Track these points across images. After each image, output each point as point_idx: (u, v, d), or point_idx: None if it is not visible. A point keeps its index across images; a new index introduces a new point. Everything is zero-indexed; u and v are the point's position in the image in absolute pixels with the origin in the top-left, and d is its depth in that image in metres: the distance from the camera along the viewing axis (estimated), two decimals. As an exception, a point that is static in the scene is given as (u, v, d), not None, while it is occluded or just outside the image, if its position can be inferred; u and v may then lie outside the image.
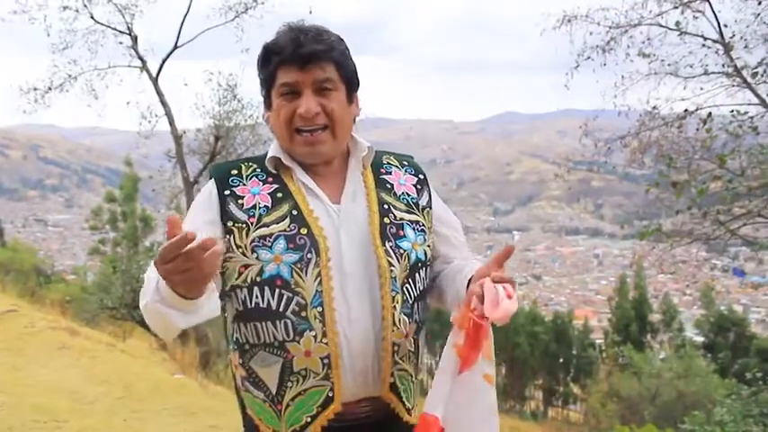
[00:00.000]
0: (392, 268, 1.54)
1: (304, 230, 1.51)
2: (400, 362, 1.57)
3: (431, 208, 1.70)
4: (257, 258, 1.49)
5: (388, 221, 1.59)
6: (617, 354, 26.44)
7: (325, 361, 1.49)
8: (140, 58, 13.40)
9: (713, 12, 8.18)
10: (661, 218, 8.73)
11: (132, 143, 14.12)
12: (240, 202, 1.53)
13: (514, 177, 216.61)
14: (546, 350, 37.09)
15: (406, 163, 1.75)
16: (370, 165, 1.67)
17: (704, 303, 35.09)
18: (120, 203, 16.71)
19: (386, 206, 1.61)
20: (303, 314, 1.48)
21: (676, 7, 8.41)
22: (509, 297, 1.35)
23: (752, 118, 7.68)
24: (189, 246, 1.15)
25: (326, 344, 1.48)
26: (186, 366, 8.43)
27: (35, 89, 13.17)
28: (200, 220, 1.53)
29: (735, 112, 7.75)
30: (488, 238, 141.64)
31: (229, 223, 1.52)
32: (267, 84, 1.58)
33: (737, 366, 22.74)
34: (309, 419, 1.51)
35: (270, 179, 1.58)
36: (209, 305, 1.36)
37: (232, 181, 1.57)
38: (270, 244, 1.49)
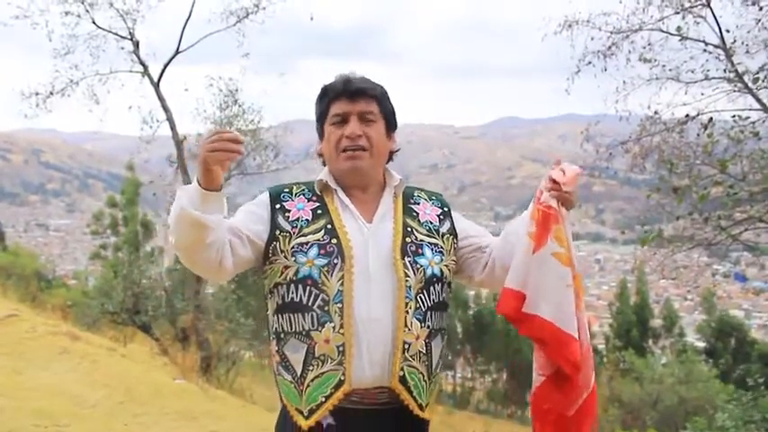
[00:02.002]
0: (407, 279, 1.83)
1: (334, 241, 1.83)
2: (410, 359, 1.82)
3: (452, 235, 2.00)
4: (295, 261, 1.82)
5: (410, 241, 1.89)
6: (618, 359, 26.36)
7: (340, 348, 1.77)
8: (142, 63, 13.42)
9: (714, 17, 8.19)
10: (662, 223, 8.71)
11: (134, 148, 14.15)
12: (287, 214, 1.88)
13: (516, 182, 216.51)
14: (547, 355, 37.03)
15: (434, 198, 2.08)
16: (402, 195, 2.00)
17: (705, 308, 35.04)
18: (121, 208, 16.76)
19: (409, 228, 1.92)
20: (326, 308, 1.78)
21: (678, 12, 8.41)
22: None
23: (753, 123, 7.69)
24: (230, 135, 1.69)
25: (342, 334, 1.77)
26: (187, 371, 8.43)
27: (37, 94, 13.18)
28: (251, 218, 1.90)
29: (736, 118, 7.75)
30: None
31: (276, 231, 1.86)
32: (322, 117, 1.97)
33: (739, 372, 22.71)
34: (323, 399, 1.79)
35: (314, 198, 1.93)
36: (220, 205, 1.77)
37: (283, 197, 1.93)
38: (306, 250, 1.83)
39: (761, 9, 7.92)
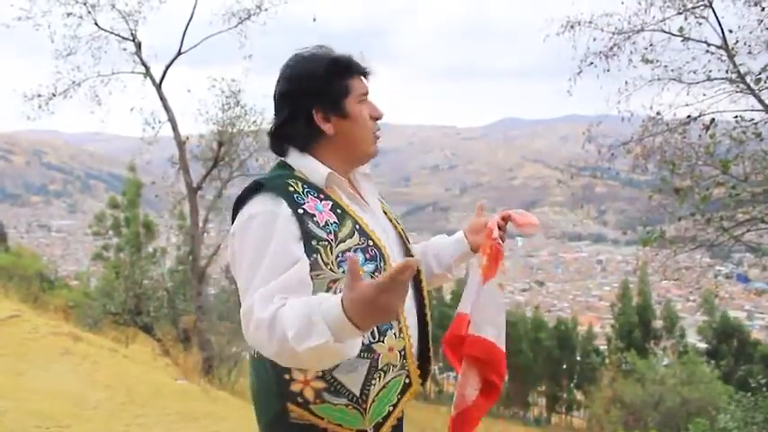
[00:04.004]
0: (422, 266, 1.88)
1: (371, 242, 1.69)
2: (430, 341, 1.86)
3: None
4: (343, 272, 1.57)
5: (401, 230, 1.88)
6: (620, 360, 26.36)
7: (402, 353, 1.70)
8: (144, 65, 13.43)
9: (717, 18, 8.17)
10: (664, 224, 8.68)
11: (135, 149, 14.14)
12: (315, 219, 1.62)
13: (517, 183, 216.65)
14: (549, 356, 37.03)
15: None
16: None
17: (706, 310, 35.02)
18: (122, 209, 16.73)
19: (392, 218, 1.90)
20: None
21: (680, 13, 8.40)
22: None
23: (755, 124, 7.67)
24: (408, 273, 1.26)
25: (402, 338, 1.71)
26: (188, 372, 8.44)
27: (39, 95, 13.18)
28: (291, 243, 1.58)
29: (738, 118, 7.74)
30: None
31: (313, 242, 1.59)
32: (342, 94, 1.72)
33: (741, 373, 22.70)
34: (392, 408, 1.72)
35: (321, 196, 1.69)
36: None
37: (297, 198, 1.64)
38: None
39: (763, 9, 7.91)
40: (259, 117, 13.21)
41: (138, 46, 13.38)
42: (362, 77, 1.76)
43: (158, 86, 13.36)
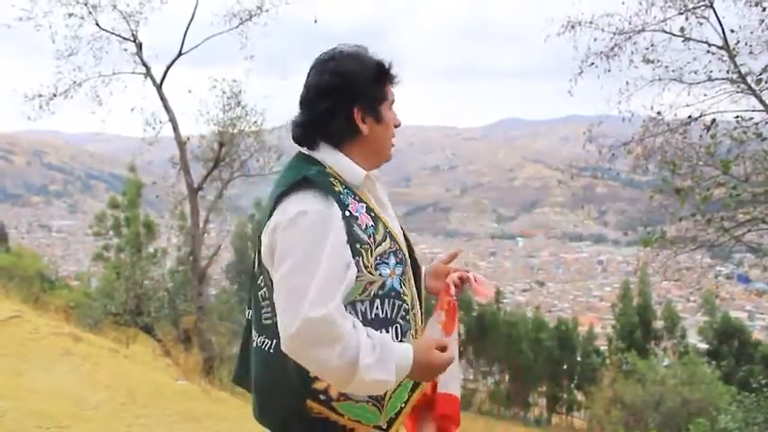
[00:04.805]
0: (421, 267, 1.94)
1: (397, 246, 1.74)
2: None
3: None
4: (380, 275, 1.67)
5: (404, 230, 1.90)
6: (621, 360, 26.36)
7: None
8: (145, 65, 13.45)
9: (717, 18, 8.17)
10: (665, 224, 8.68)
11: (136, 149, 14.14)
12: (358, 223, 1.65)
13: (518, 183, 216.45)
14: (549, 357, 37.01)
15: None
16: None
17: (707, 310, 35.01)
18: (123, 209, 16.76)
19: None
20: (407, 317, 1.75)
21: (681, 13, 8.40)
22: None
23: (756, 124, 7.66)
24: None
25: (417, 338, 1.79)
26: (189, 372, 8.43)
27: (40, 96, 13.20)
28: (345, 247, 1.60)
29: (739, 119, 7.73)
30: (492, 245, 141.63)
31: (357, 245, 1.62)
32: (380, 98, 1.76)
33: (742, 373, 22.68)
34: (403, 405, 1.80)
35: (356, 197, 1.70)
36: None
37: (344, 199, 1.65)
38: (387, 261, 1.69)
39: (764, 10, 7.91)
40: (260, 118, 13.25)
41: (139, 46, 13.41)
42: (392, 84, 1.80)
43: (159, 87, 13.38)
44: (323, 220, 1.58)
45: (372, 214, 1.70)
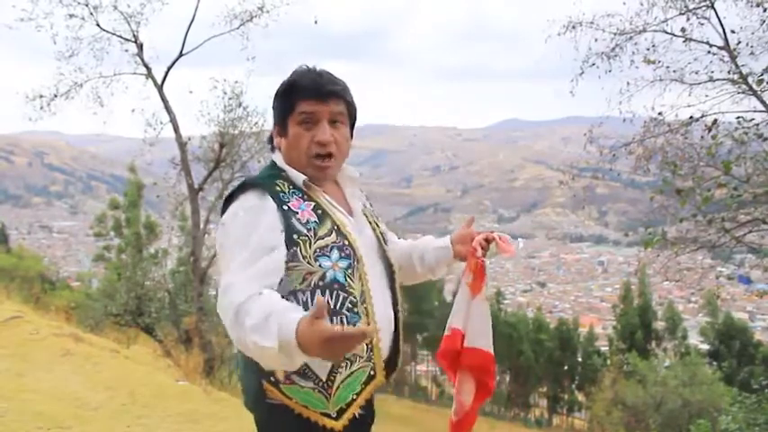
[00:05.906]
0: (394, 264, 2.01)
1: (346, 242, 1.83)
2: (401, 332, 2.01)
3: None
4: (320, 266, 1.76)
5: (379, 232, 2.03)
6: (622, 361, 26.37)
7: (369, 345, 1.84)
8: (146, 66, 13.44)
9: (718, 18, 8.16)
10: (666, 225, 8.66)
11: (137, 150, 14.12)
12: (298, 217, 1.79)
13: (519, 184, 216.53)
14: (550, 357, 37.02)
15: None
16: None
17: (708, 311, 34.97)
18: (124, 210, 16.78)
19: (372, 220, 2.04)
20: (355, 309, 1.81)
21: (682, 14, 8.39)
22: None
23: (757, 125, 7.64)
24: (362, 341, 1.42)
25: None
26: (190, 373, 8.41)
27: (41, 96, 13.18)
28: (273, 233, 1.74)
29: (740, 119, 7.72)
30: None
31: (295, 236, 1.76)
32: (285, 113, 1.88)
33: (743, 374, 22.67)
34: (355, 396, 1.84)
35: (305, 197, 1.85)
36: None
37: (282, 197, 1.81)
38: (328, 254, 1.79)
39: (765, 10, 7.89)
40: (261, 118, 13.23)
41: (140, 47, 13.39)
42: (317, 101, 1.84)
43: (160, 88, 13.37)
44: (256, 211, 1.76)
45: (320, 212, 1.83)
